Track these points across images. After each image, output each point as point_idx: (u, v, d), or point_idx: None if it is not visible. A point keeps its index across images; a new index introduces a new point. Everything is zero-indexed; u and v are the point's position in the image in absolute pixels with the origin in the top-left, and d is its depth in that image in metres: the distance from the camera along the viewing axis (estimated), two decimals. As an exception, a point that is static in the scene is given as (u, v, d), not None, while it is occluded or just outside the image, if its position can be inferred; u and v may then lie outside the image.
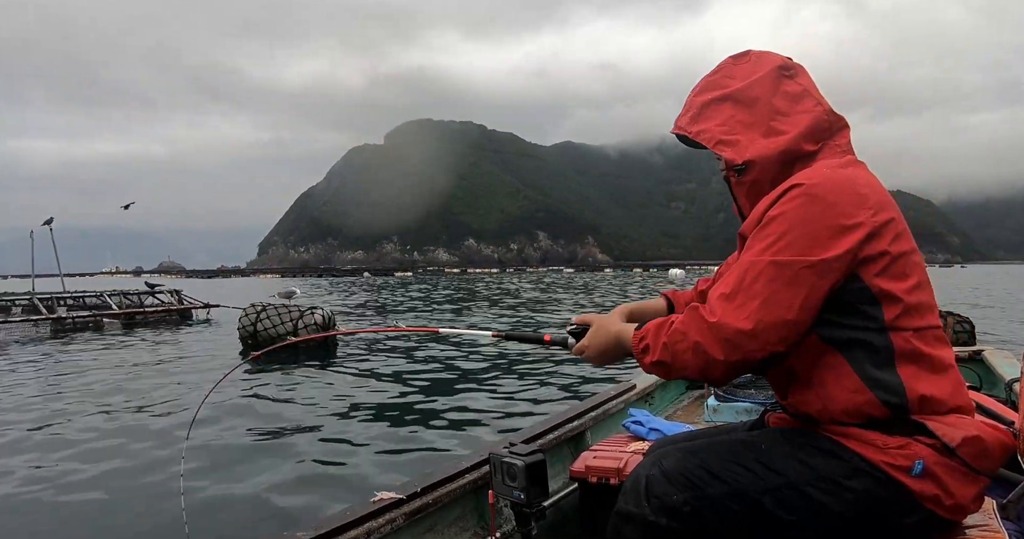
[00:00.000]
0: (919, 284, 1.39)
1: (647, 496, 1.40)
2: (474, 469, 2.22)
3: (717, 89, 1.54)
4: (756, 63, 1.53)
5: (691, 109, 1.57)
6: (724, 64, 1.57)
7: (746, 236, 1.44)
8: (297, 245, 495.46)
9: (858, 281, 1.34)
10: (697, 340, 1.35)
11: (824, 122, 1.49)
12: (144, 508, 4.16)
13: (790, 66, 1.53)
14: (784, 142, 1.46)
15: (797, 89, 1.50)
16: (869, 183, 1.40)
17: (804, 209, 1.33)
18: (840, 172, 1.40)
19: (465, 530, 2.18)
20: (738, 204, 1.59)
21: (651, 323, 1.47)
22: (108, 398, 8.20)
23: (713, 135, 1.51)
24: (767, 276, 1.32)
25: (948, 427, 1.32)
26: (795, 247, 1.32)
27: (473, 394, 7.79)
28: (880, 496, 1.31)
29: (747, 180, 1.50)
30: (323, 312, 12.03)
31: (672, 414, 3.63)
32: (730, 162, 1.51)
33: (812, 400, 1.41)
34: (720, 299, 1.36)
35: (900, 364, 1.35)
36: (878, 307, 1.35)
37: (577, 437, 2.90)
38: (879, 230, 1.34)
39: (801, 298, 1.31)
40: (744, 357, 1.33)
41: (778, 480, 1.35)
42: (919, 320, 1.37)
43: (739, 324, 1.32)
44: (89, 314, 18.91)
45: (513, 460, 1.81)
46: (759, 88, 1.50)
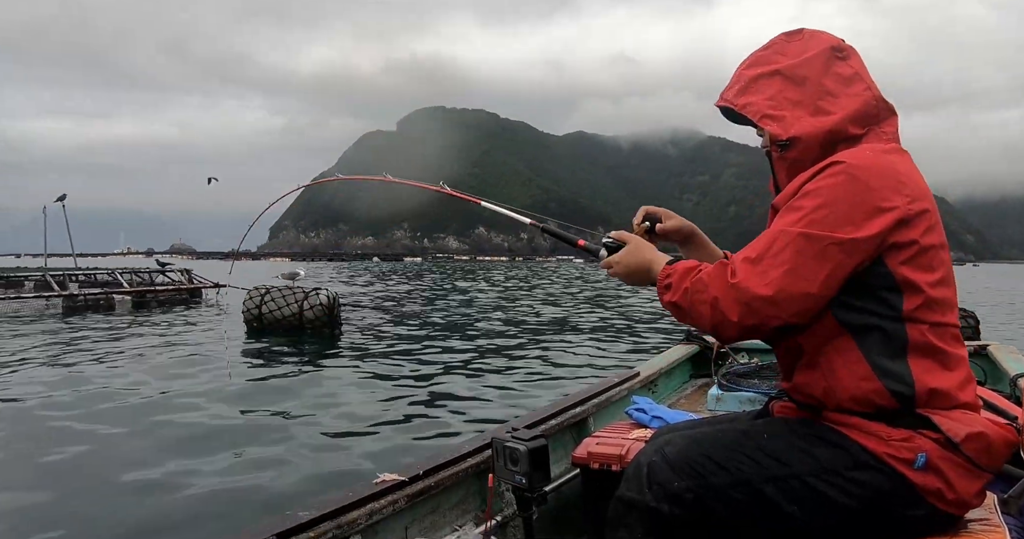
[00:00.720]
0: (943, 280, 1.38)
1: (649, 483, 1.41)
2: (476, 453, 2.23)
3: (767, 64, 1.52)
4: (809, 41, 1.52)
5: (739, 82, 1.55)
6: (776, 40, 1.55)
7: (779, 208, 1.44)
8: (308, 230, 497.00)
9: (883, 266, 1.34)
10: (716, 296, 1.36)
11: (872, 107, 1.48)
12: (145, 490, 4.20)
13: (843, 48, 1.51)
14: (831, 122, 1.45)
15: (848, 71, 1.49)
16: (909, 172, 1.40)
17: (843, 187, 1.33)
18: (883, 156, 1.39)
19: (467, 513, 2.20)
20: (776, 179, 1.59)
21: (681, 264, 1.48)
22: (119, 378, 8.27)
23: (759, 109, 1.50)
24: (795, 246, 1.32)
25: (953, 422, 1.32)
26: (827, 222, 1.32)
27: (477, 378, 7.79)
28: (883, 488, 1.32)
29: (789, 156, 1.50)
30: (327, 293, 12.03)
31: (675, 402, 3.62)
32: (775, 137, 1.49)
33: (819, 383, 1.41)
34: (744, 262, 1.36)
35: (912, 356, 1.35)
36: (899, 295, 1.35)
37: (580, 423, 2.90)
38: (912, 218, 1.34)
39: (825, 273, 1.31)
40: (758, 322, 1.34)
41: (781, 470, 1.36)
42: (938, 315, 1.37)
43: (759, 289, 1.32)
44: (100, 291, 19.05)
45: (516, 445, 1.83)
46: (810, 67, 1.48)
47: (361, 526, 1.81)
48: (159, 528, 3.64)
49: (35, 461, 4.72)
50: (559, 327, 14.04)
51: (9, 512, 3.80)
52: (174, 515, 3.76)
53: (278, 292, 11.94)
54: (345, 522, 1.77)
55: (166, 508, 3.85)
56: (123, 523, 3.68)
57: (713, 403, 3.27)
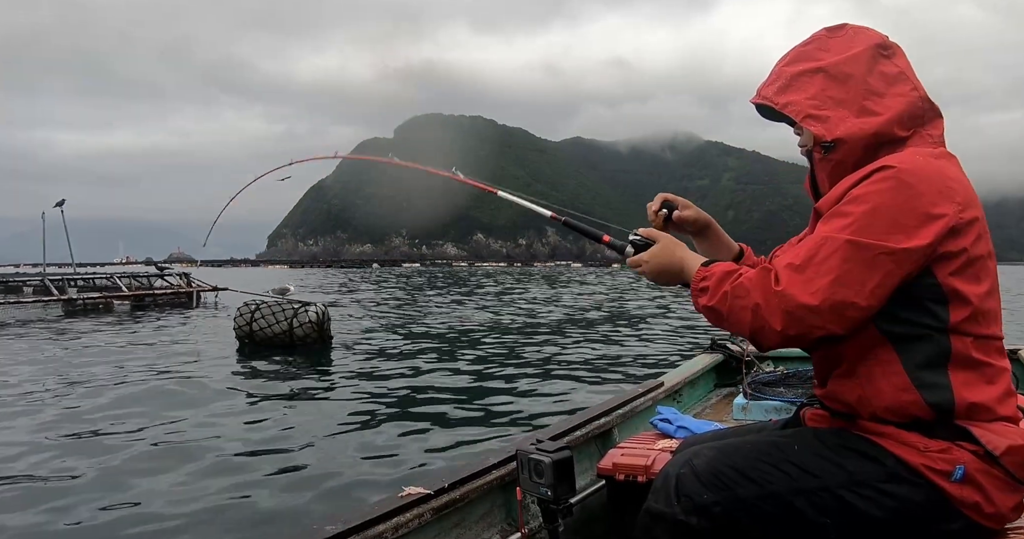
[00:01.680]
0: (991, 291, 1.35)
1: (677, 495, 1.38)
2: (501, 465, 2.21)
3: (810, 60, 1.47)
4: (852, 38, 1.47)
5: (779, 79, 1.49)
6: (818, 36, 1.50)
7: (821, 213, 1.40)
8: (306, 238, 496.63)
9: (931, 277, 1.30)
10: (758, 302, 1.32)
11: (919, 108, 1.43)
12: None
13: (888, 45, 1.46)
14: (877, 124, 1.40)
15: (894, 70, 1.44)
16: (959, 178, 1.36)
17: (892, 193, 1.29)
18: (932, 161, 1.35)
19: (492, 526, 2.18)
20: (815, 181, 1.55)
21: (719, 266, 1.44)
22: (114, 378, 8.35)
23: (802, 108, 1.44)
24: (842, 254, 1.28)
25: (992, 434, 1.29)
26: (876, 230, 1.27)
27: (494, 389, 7.70)
28: (918, 501, 1.28)
29: (833, 158, 1.44)
30: (317, 309, 11.94)
31: (700, 412, 3.60)
32: (819, 138, 1.44)
33: (854, 390, 1.38)
34: (788, 269, 1.32)
35: (954, 369, 1.31)
36: (945, 307, 1.31)
37: (604, 434, 2.89)
38: (963, 227, 1.30)
39: (874, 283, 1.27)
40: (801, 332, 1.30)
41: (812, 482, 1.33)
42: (984, 328, 1.34)
43: (804, 298, 1.28)
44: (99, 295, 19.16)
45: (540, 457, 1.81)
46: (855, 65, 1.43)
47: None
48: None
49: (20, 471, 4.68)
50: (566, 338, 14.02)
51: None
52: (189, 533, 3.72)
53: (268, 309, 11.79)
54: (371, 536, 1.76)
55: (181, 526, 3.80)
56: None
57: (739, 412, 3.25)
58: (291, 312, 11.78)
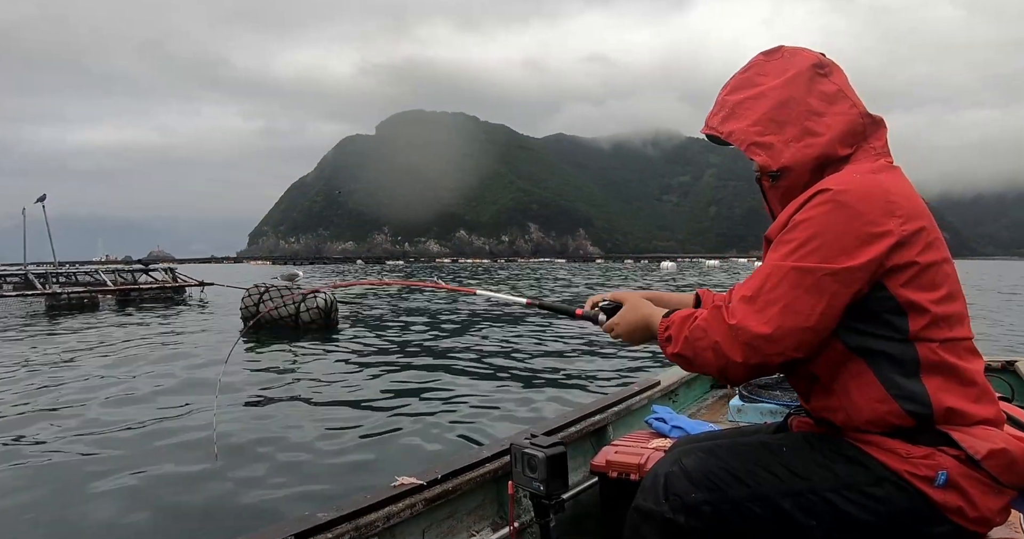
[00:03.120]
0: (950, 294, 1.36)
1: (666, 494, 1.39)
2: (495, 459, 2.23)
3: (750, 87, 1.49)
4: (789, 60, 1.48)
5: (723, 109, 1.52)
6: (755, 61, 1.53)
7: (771, 239, 1.41)
8: (288, 235, 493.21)
9: (883, 290, 1.32)
10: (717, 340, 1.35)
11: (859, 125, 1.45)
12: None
13: (824, 63, 1.48)
14: (819, 147, 1.42)
15: (832, 89, 1.46)
16: (901, 190, 1.36)
17: (830, 215, 1.30)
18: (871, 178, 1.36)
19: (484, 519, 2.19)
20: (770, 207, 1.56)
21: (677, 314, 1.47)
22: (117, 375, 8.30)
23: (746, 136, 1.47)
24: (789, 281, 1.30)
25: (974, 439, 1.30)
26: (819, 254, 1.29)
27: (489, 384, 7.74)
28: (903, 506, 1.30)
29: (782, 186, 1.47)
30: (325, 296, 12.08)
31: (696, 412, 3.61)
32: (765, 168, 1.47)
33: (835, 407, 1.39)
34: (741, 301, 1.35)
35: (926, 375, 1.33)
36: (903, 317, 1.32)
37: (599, 431, 2.90)
38: (908, 239, 1.31)
39: (822, 305, 1.29)
40: (762, 361, 1.33)
41: (801, 485, 1.34)
42: (947, 331, 1.34)
43: (758, 328, 1.31)
44: (84, 291, 18.95)
45: (534, 451, 1.82)
46: (793, 87, 1.45)
47: (378, 529, 1.81)
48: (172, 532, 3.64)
49: (21, 464, 4.71)
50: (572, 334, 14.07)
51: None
52: (187, 521, 3.76)
53: (276, 292, 12.01)
54: (362, 524, 1.77)
55: (176, 514, 3.85)
56: (130, 528, 3.68)
57: (734, 414, 3.27)
58: (299, 296, 11.88)
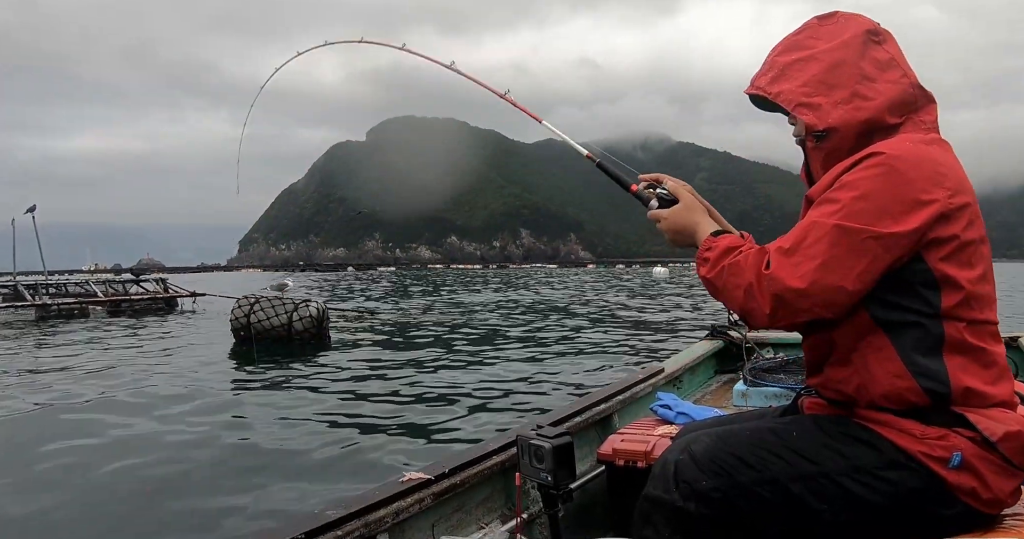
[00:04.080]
0: (983, 276, 1.35)
1: (676, 481, 1.39)
2: (502, 451, 2.23)
3: (801, 49, 1.47)
4: (844, 25, 1.47)
5: (772, 69, 1.50)
6: (809, 24, 1.51)
7: (813, 199, 1.40)
8: (278, 242, 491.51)
9: (921, 262, 1.31)
10: (751, 282, 1.34)
11: (910, 95, 1.43)
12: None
13: (879, 31, 1.47)
14: (868, 111, 1.40)
15: (885, 56, 1.44)
16: (950, 164, 1.36)
17: (881, 179, 1.29)
18: (924, 148, 1.35)
19: (492, 511, 2.20)
20: (809, 169, 1.54)
21: (724, 239, 1.45)
22: (112, 383, 8.30)
23: (794, 97, 1.45)
24: (830, 239, 1.29)
25: (989, 420, 1.30)
26: (865, 215, 1.28)
27: (494, 376, 7.82)
28: (916, 487, 1.29)
29: (826, 146, 1.45)
30: (317, 305, 12.09)
31: (700, 398, 3.60)
32: (811, 127, 1.44)
33: (851, 379, 1.38)
34: (778, 253, 1.34)
35: (948, 354, 1.31)
36: (937, 292, 1.31)
37: (604, 420, 2.91)
38: (953, 212, 1.30)
39: (860, 268, 1.28)
40: (788, 314, 1.32)
41: (811, 468, 1.34)
42: (976, 312, 1.34)
43: (792, 282, 1.29)
44: (75, 301, 18.90)
45: (540, 442, 1.82)
46: (846, 50, 1.43)
47: (388, 524, 1.81)
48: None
49: (22, 471, 4.73)
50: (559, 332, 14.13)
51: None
52: (191, 523, 3.76)
53: (267, 302, 11.91)
54: (372, 520, 1.77)
55: (180, 516, 3.86)
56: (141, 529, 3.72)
57: (739, 399, 3.27)
58: (291, 306, 11.85)
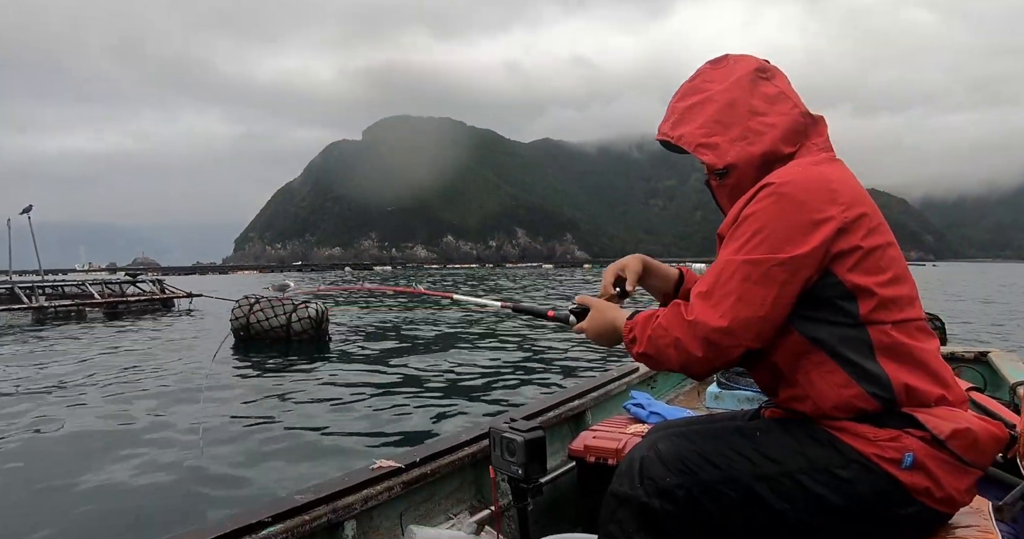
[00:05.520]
0: (896, 277, 1.39)
1: (641, 478, 1.41)
2: (474, 442, 2.23)
3: (697, 93, 1.56)
4: (734, 66, 1.56)
5: (673, 115, 1.59)
6: (703, 69, 1.59)
7: (723, 236, 1.45)
8: (274, 241, 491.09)
9: (832, 276, 1.35)
10: (677, 336, 1.38)
11: (800, 124, 1.51)
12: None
13: (766, 68, 1.55)
14: (762, 145, 1.48)
15: (773, 90, 1.52)
16: (842, 179, 1.41)
17: (775, 207, 1.35)
18: (812, 169, 1.41)
19: (462, 502, 2.20)
20: (720, 206, 1.60)
21: (640, 315, 1.50)
22: (109, 384, 8.32)
23: (693, 138, 1.53)
24: (740, 274, 1.34)
25: (938, 419, 1.33)
26: (766, 245, 1.34)
27: (471, 376, 7.88)
28: (872, 487, 1.32)
29: (728, 183, 1.52)
30: (317, 306, 12.13)
31: (674, 399, 3.63)
32: (711, 166, 1.52)
33: (802, 398, 1.42)
34: (697, 297, 1.39)
35: (881, 357, 1.36)
36: (853, 302, 1.36)
37: (578, 416, 2.92)
38: (850, 225, 1.35)
39: (773, 294, 1.33)
40: (721, 354, 1.37)
41: (773, 468, 1.36)
42: (897, 313, 1.37)
43: (714, 322, 1.34)
44: (72, 303, 18.88)
45: (513, 435, 1.82)
46: (737, 90, 1.51)
47: (356, 511, 1.81)
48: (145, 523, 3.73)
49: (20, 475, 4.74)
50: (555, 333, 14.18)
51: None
52: (167, 512, 3.84)
53: (267, 303, 11.94)
54: (340, 506, 1.77)
55: (154, 506, 3.94)
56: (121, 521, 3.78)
57: (711, 401, 3.30)
58: (290, 307, 11.88)
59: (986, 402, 2.54)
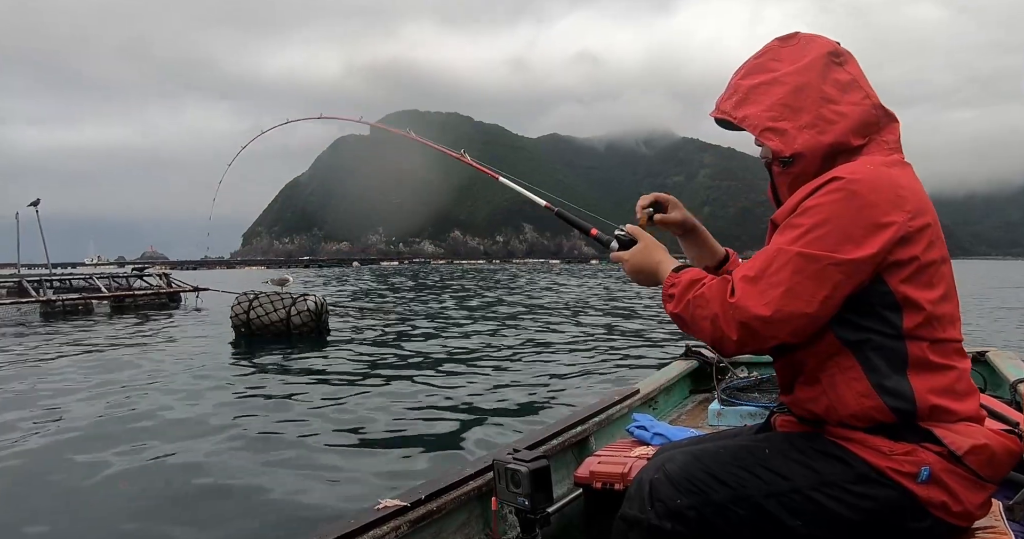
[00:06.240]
0: (945, 295, 1.36)
1: (651, 501, 1.39)
2: (478, 476, 2.22)
3: (764, 72, 1.48)
4: (805, 46, 1.48)
5: (736, 93, 1.51)
6: (770, 46, 1.51)
7: (778, 223, 1.42)
8: (282, 236, 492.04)
9: (883, 284, 1.32)
10: (716, 312, 1.35)
11: (872, 116, 1.45)
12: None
13: (840, 52, 1.48)
14: (832, 134, 1.42)
15: (846, 78, 1.45)
16: (911, 186, 1.37)
17: (841, 204, 1.30)
18: (884, 170, 1.36)
19: (470, 537, 2.17)
20: (776, 192, 1.55)
21: (687, 274, 1.46)
22: (109, 384, 8.32)
23: (760, 122, 1.46)
24: (793, 266, 1.30)
25: (955, 435, 1.31)
26: (826, 241, 1.29)
27: (471, 389, 7.66)
28: (887, 502, 1.30)
29: (793, 172, 1.47)
30: (315, 298, 12.13)
31: (676, 419, 3.60)
32: (777, 153, 1.46)
33: (820, 399, 1.40)
34: (743, 281, 1.35)
35: (912, 373, 1.33)
36: (899, 313, 1.33)
37: (581, 442, 2.90)
38: (913, 235, 1.31)
39: (824, 293, 1.29)
40: (756, 341, 1.34)
41: (783, 485, 1.34)
42: (940, 332, 1.35)
43: (757, 309, 1.31)
44: (79, 297, 18.94)
45: (517, 466, 1.79)
46: (808, 73, 1.44)
47: None
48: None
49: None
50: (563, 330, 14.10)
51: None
52: (160, 530, 3.65)
53: (266, 297, 11.97)
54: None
55: (148, 522, 3.75)
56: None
57: (714, 418, 3.28)
58: (289, 301, 11.88)
59: (988, 401, 2.52)
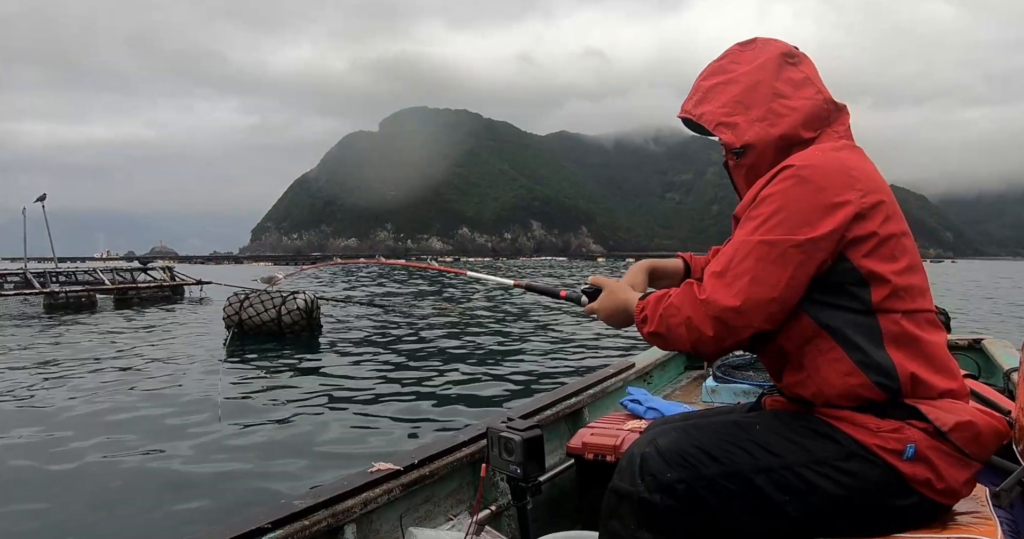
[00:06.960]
0: (910, 266, 1.40)
1: (641, 474, 1.41)
2: (471, 443, 2.23)
3: (722, 74, 1.56)
4: (761, 49, 1.56)
5: (696, 93, 1.59)
6: (731, 50, 1.59)
7: (739, 217, 1.46)
8: (290, 231, 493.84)
9: (846, 262, 1.36)
10: (689, 315, 1.38)
11: (823, 110, 1.51)
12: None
13: (794, 53, 1.55)
14: (782, 128, 1.48)
15: (799, 76, 1.52)
16: (861, 166, 1.41)
17: (795, 189, 1.35)
18: (832, 154, 1.41)
19: (461, 502, 2.20)
20: (736, 187, 1.61)
21: (652, 295, 1.51)
22: (109, 374, 8.30)
23: (714, 117, 1.53)
24: (756, 255, 1.34)
25: (941, 411, 1.34)
26: (783, 226, 1.34)
27: (467, 371, 7.79)
28: (873, 478, 1.33)
29: (745, 164, 1.53)
30: (305, 297, 12.11)
31: (670, 394, 3.61)
32: (728, 145, 1.52)
33: (807, 383, 1.42)
34: (711, 276, 1.39)
35: (890, 346, 1.36)
36: (866, 288, 1.36)
37: (575, 414, 2.92)
38: (867, 211, 1.35)
39: (787, 276, 1.33)
40: (731, 334, 1.37)
41: (773, 461, 1.36)
42: (909, 303, 1.38)
43: (727, 301, 1.34)
44: (82, 289, 18.97)
45: (511, 435, 1.83)
46: (762, 72, 1.51)
47: (356, 515, 1.81)
48: (143, 528, 3.64)
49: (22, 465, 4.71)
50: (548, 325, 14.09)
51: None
52: (167, 514, 3.75)
53: (256, 297, 11.94)
54: (340, 510, 1.76)
55: (155, 508, 3.84)
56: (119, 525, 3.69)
57: (708, 395, 3.29)
58: (279, 300, 11.85)
59: (981, 389, 2.55)
